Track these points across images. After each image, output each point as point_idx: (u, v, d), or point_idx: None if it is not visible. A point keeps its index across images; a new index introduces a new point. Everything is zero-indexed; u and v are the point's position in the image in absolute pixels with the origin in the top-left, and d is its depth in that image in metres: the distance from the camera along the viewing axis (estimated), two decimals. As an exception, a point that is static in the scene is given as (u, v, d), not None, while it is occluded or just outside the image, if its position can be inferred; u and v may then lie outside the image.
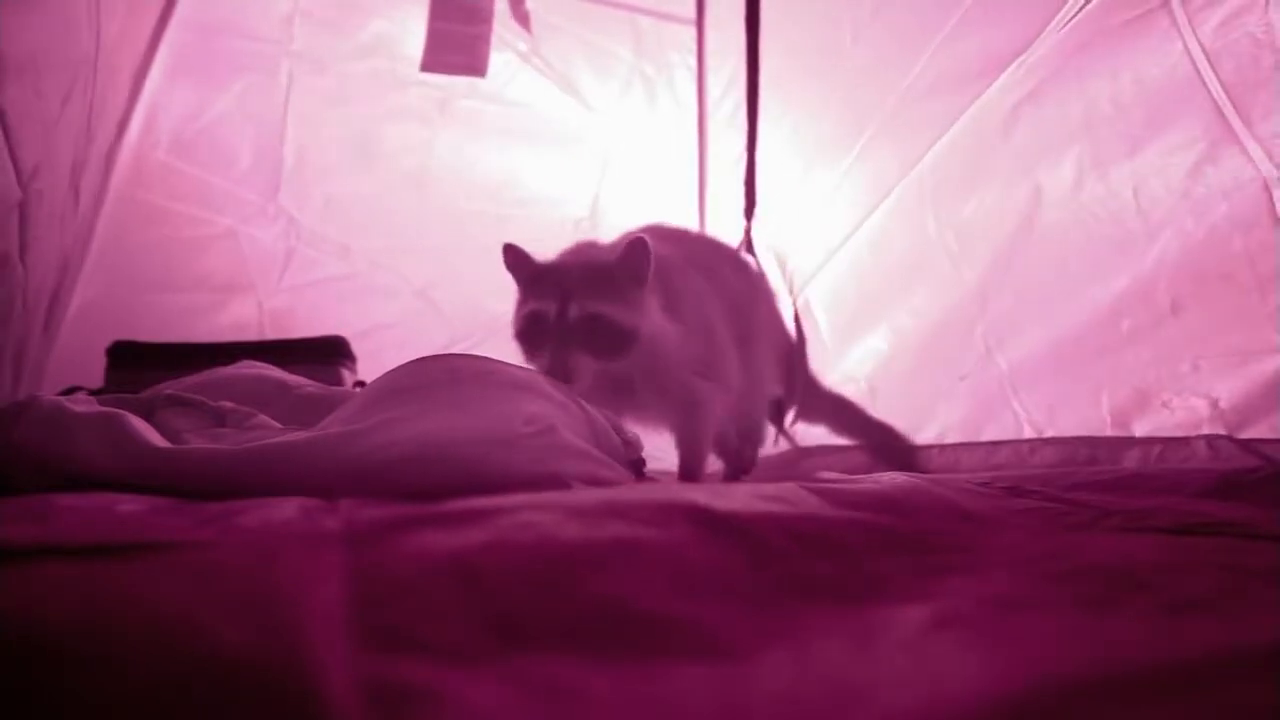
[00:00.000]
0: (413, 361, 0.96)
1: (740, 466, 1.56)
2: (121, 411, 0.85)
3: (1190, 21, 1.15)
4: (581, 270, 1.19)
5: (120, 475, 0.77)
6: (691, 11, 2.32)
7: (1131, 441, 1.25)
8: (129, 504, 0.67)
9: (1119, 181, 1.26)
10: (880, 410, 1.70)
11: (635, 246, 1.16)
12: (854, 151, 1.79)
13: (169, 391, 0.99)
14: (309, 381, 1.14)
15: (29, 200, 1.14)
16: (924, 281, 1.64)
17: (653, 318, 1.19)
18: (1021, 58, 1.42)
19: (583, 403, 0.95)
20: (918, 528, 0.63)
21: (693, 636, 0.36)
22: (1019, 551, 0.54)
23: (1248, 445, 1.10)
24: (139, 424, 0.84)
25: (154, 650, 0.32)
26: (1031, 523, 0.70)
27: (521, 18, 2.10)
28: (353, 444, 0.78)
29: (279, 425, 0.96)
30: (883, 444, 1.62)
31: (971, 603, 0.43)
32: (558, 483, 0.78)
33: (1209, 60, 1.13)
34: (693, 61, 2.33)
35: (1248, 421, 1.11)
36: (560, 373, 1.09)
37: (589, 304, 1.14)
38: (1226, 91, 1.11)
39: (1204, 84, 1.13)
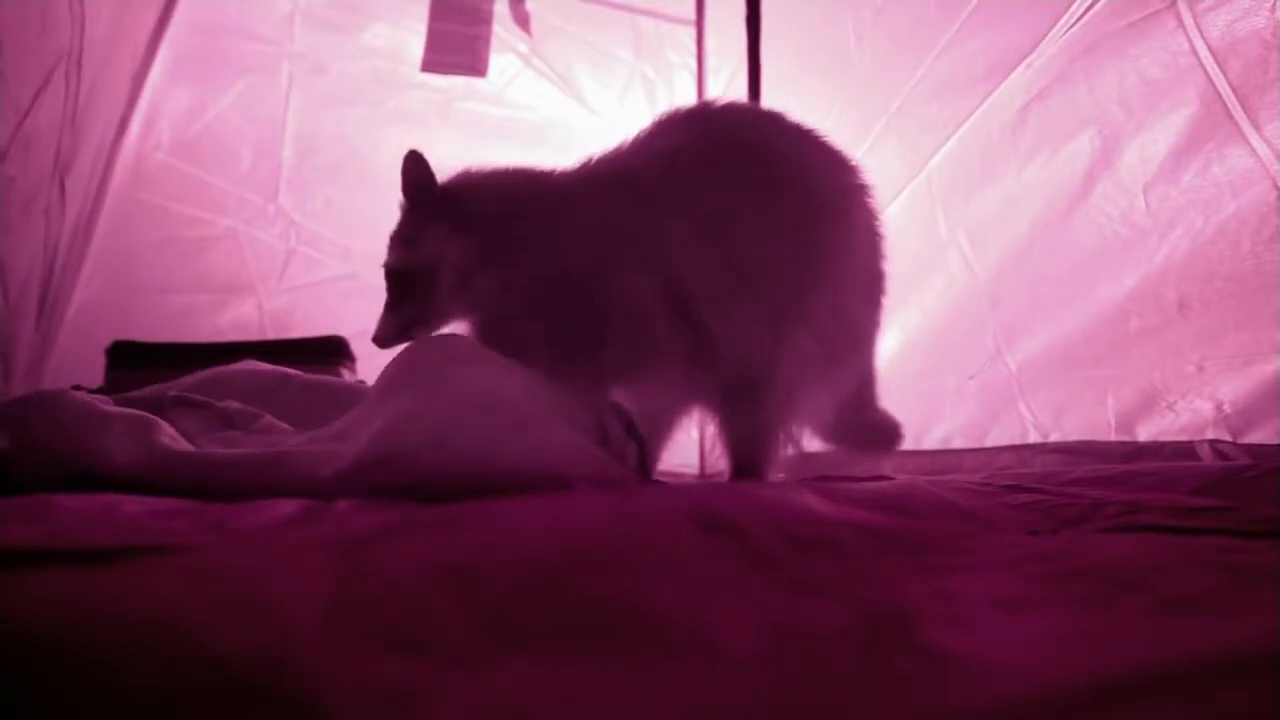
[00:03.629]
0: (413, 348, 0.95)
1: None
2: (150, 415, 0.87)
3: (1197, 23, 1.15)
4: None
5: (146, 473, 0.79)
6: (691, 13, 2.32)
7: (1135, 446, 1.25)
8: (130, 505, 0.67)
9: (1129, 180, 1.27)
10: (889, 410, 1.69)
11: (405, 163, 1.05)
12: (860, 152, 1.79)
13: (174, 393, 1.01)
14: (306, 374, 1.16)
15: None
16: (935, 281, 1.64)
17: (429, 244, 1.00)
18: (1028, 60, 1.43)
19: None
20: (917, 527, 0.63)
21: (690, 638, 0.36)
22: (1019, 551, 0.54)
23: (1251, 451, 1.10)
24: (166, 427, 0.87)
25: (150, 654, 0.31)
26: (1030, 518, 0.70)
27: (521, 19, 2.11)
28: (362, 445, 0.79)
29: (285, 425, 0.97)
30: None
31: (971, 604, 0.43)
32: (559, 481, 0.78)
33: (1216, 61, 1.13)
34: (692, 63, 2.33)
35: (1252, 424, 1.11)
36: (376, 338, 1.02)
37: (388, 254, 1.04)
38: (1234, 92, 1.11)
39: (1212, 84, 1.14)
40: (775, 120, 1.09)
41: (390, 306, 1.03)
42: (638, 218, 0.96)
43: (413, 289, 1.01)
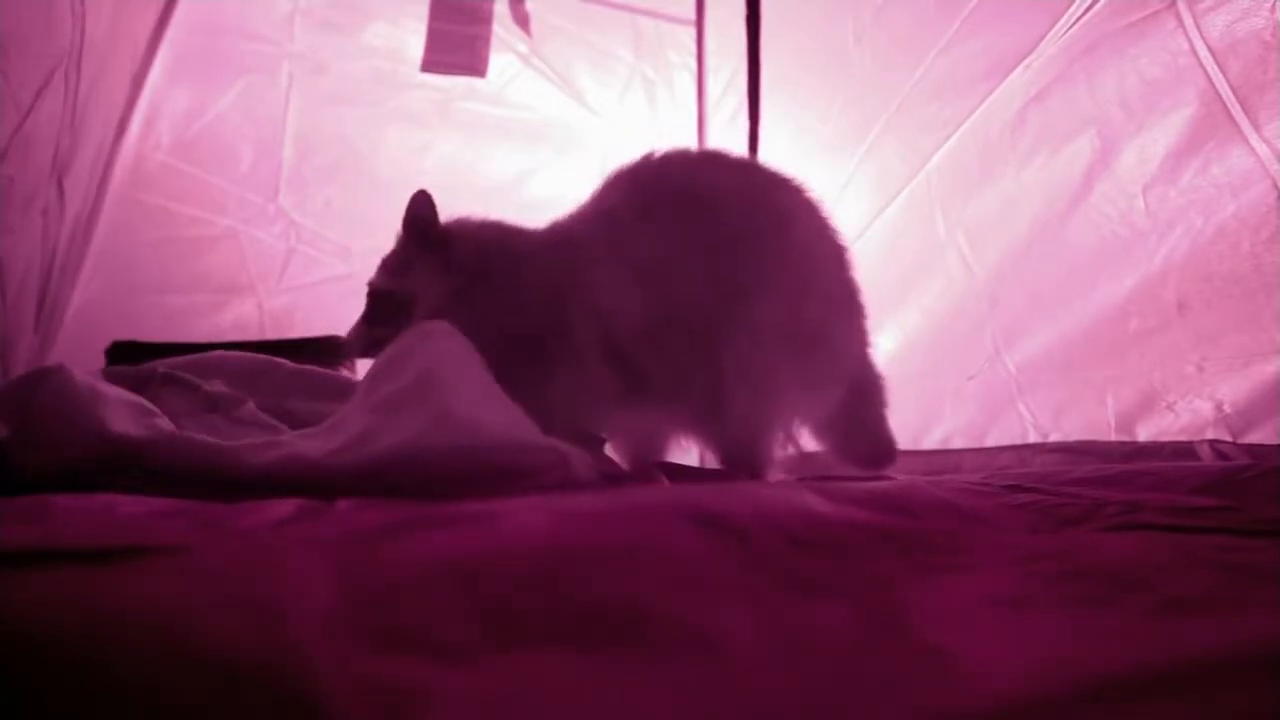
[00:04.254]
0: (401, 340, 0.95)
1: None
2: (145, 402, 0.89)
3: (1197, 23, 1.15)
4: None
5: (145, 447, 0.79)
6: (691, 12, 2.32)
7: (1134, 447, 1.25)
8: (129, 505, 0.67)
9: (1128, 181, 1.27)
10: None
11: (411, 204, 1.11)
12: (860, 152, 1.79)
13: (164, 370, 1.02)
14: (293, 363, 1.18)
15: (-3, 184, 1.15)
16: (934, 281, 1.64)
17: (414, 278, 1.09)
18: (1028, 60, 1.43)
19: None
20: (917, 527, 0.63)
21: (690, 636, 0.36)
22: (1018, 551, 0.54)
23: (1251, 451, 1.10)
24: (161, 414, 0.89)
25: (149, 654, 0.31)
26: (1029, 518, 0.70)
27: (521, 19, 2.10)
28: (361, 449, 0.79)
29: (267, 418, 0.98)
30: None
31: (971, 603, 0.43)
32: (561, 477, 0.79)
33: (1216, 61, 1.13)
34: (692, 63, 2.33)
35: (1252, 424, 1.11)
36: (344, 345, 1.12)
37: (375, 275, 1.13)
38: (1234, 92, 1.11)
39: (1211, 84, 1.14)
40: (710, 159, 1.21)
41: (365, 320, 1.11)
42: (579, 273, 1.05)
43: (389, 312, 1.07)
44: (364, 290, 1.14)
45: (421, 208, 1.10)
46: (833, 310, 1.14)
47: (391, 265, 1.12)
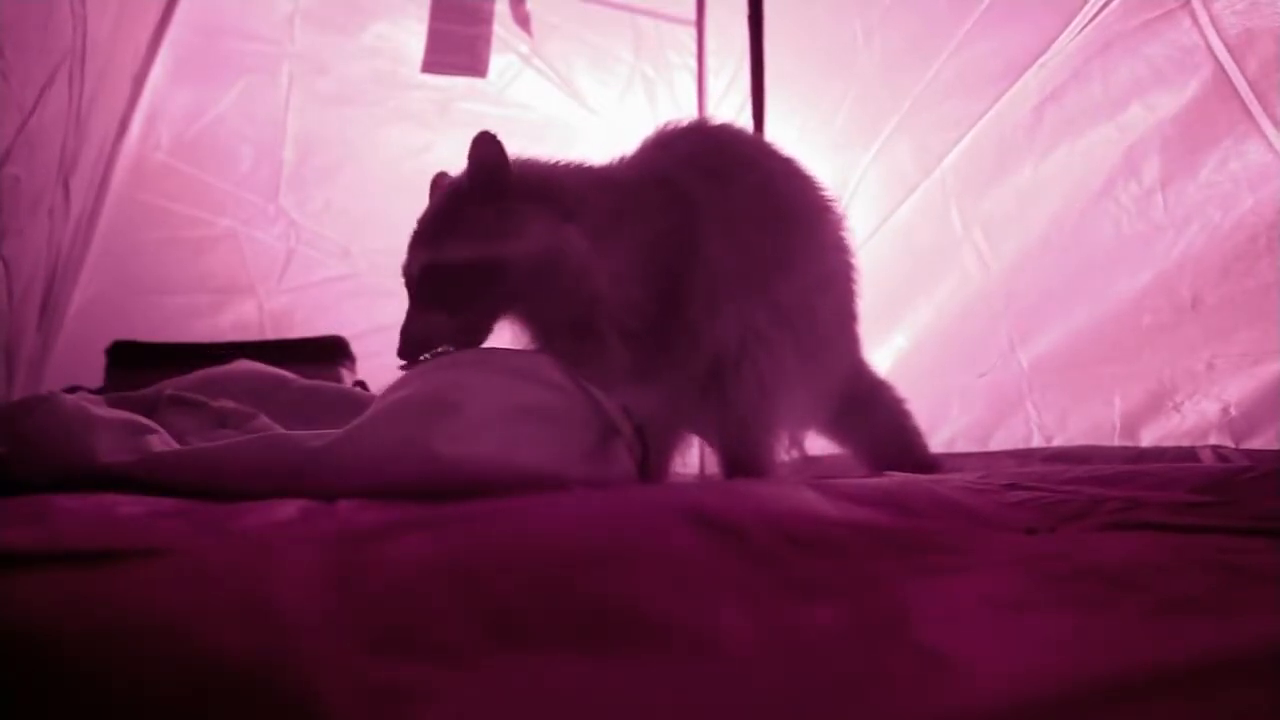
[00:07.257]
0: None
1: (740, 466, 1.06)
2: (140, 418, 0.88)
3: (1213, 21, 1.16)
4: (430, 208, 0.97)
5: (133, 472, 0.79)
6: (691, 13, 2.32)
7: (1137, 451, 1.25)
8: (128, 506, 0.67)
9: (1146, 177, 1.27)
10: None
11: (477, 146, 0.95)
12: (871, 151, 1.79)
13: (170, 392, 1.01)
14: (304, 379, 1.16)
15: (1, 184, 1.14)
16: (947, 279, 1.64)
17: (540, 234, 0.94)
18: (1042, 59, 1.43)
19: (589, 388, 0.89)
20: (916, 526, 0.63)
21: (689, 637, 0.36)
22: (1018, 551, 0.54)
23: (1251, 455, 1.10)
24: (157, 430, 0.87)
25: (149, 655, 0.32)
26: (1028, 515, 0.70)
27: (522, 19, 2.10)
28: (345, 448, 0.79)
29: (280, 429, 0.97)
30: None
31: (970, 604, 0.43)
32: (557, 483, 0.78)
33: (1233, 58, 1.14)
34: (692, 63, 2.33)
35: (1256, 427, 1.11)
36: (408, 344, 0.91)
37: (425, 252, 0.92)
38: (1251, 88, 1.12)
39: (1229, 81, 1.14)
40: (759, 139, 1.23)
41: (444, 310, 0.92)
42: (679, 216, 1.01)
43: (485, 289, 0.92)
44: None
45: (491, 150, 0.94)
46: (838, 314, 1.13)
47: (482, 230, 0.93)
